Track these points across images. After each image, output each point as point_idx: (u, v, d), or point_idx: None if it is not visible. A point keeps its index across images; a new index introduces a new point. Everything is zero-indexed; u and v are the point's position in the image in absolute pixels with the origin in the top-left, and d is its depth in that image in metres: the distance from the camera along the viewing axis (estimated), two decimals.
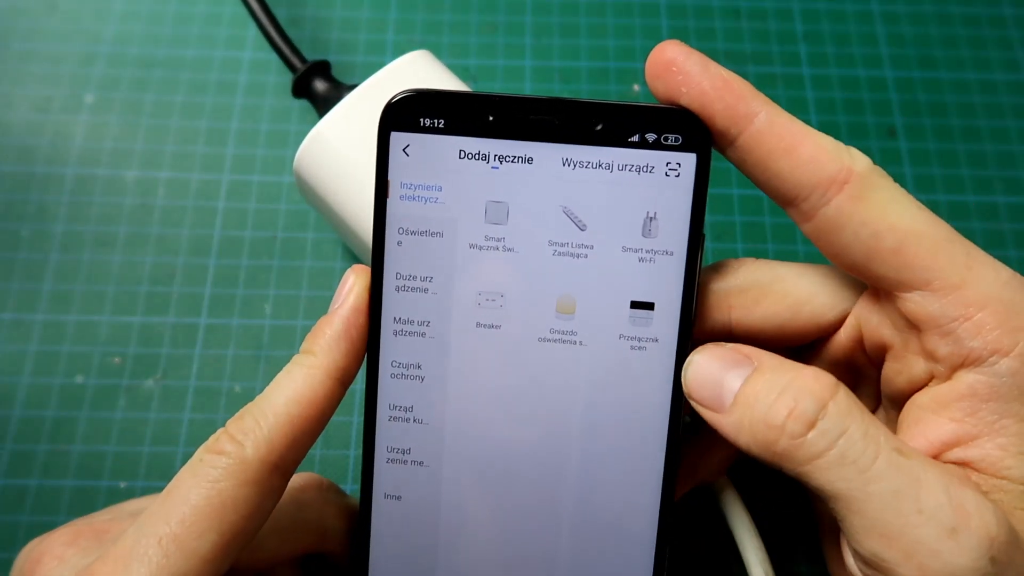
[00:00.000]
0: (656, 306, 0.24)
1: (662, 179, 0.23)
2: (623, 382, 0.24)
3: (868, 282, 0.24)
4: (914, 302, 0.22)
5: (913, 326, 0.23)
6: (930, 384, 0.23)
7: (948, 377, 0.22)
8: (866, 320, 0.24)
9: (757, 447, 0.22)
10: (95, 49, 0.40)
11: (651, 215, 0.24)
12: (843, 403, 0.21)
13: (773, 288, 0.25)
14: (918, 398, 0.23)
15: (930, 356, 0.23)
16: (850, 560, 0.23)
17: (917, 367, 0.23)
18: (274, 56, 0.39)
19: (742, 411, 0.22)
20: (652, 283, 0.24)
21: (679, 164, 0.23)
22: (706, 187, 0.23)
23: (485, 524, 0.25)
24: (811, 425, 0.21)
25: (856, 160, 0.22)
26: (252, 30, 0.41)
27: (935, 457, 0.22)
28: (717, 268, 0.25)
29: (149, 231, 0.37)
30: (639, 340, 0.24)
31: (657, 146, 0.23)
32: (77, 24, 0.41)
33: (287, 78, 0.39)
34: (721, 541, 0.31)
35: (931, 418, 0.23)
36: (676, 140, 0.23)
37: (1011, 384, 0.21)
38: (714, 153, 0.24)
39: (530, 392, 0.24)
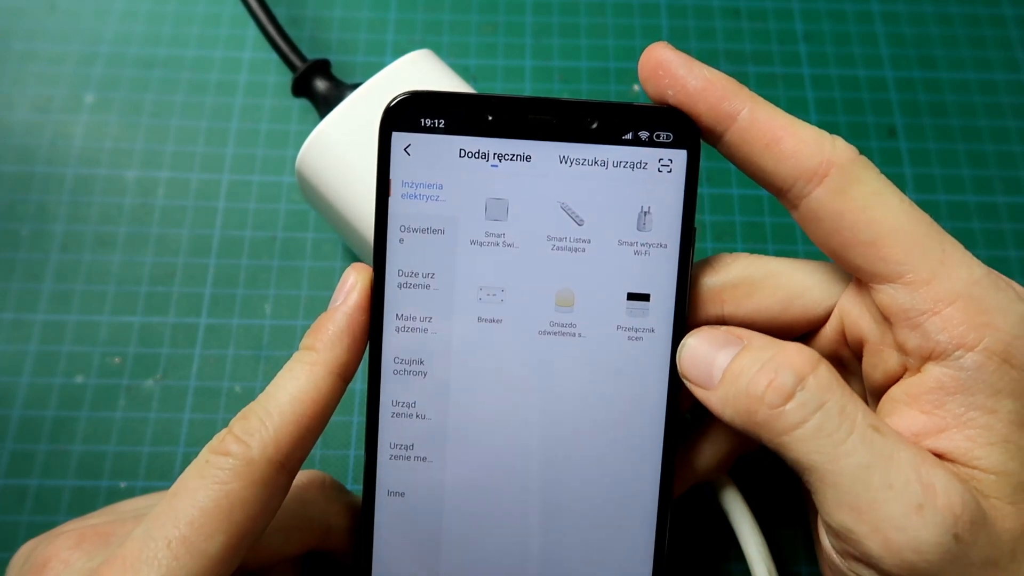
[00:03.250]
0: (652, 297, 0.25)
1: (655, 175, 0.24)
2: (622, 372, 0.25)
3: (848, 271, 0.24)
4: (886, 294, 0.23)
5: (887, 319, 0.23)
6: (903, 377, 0.23)
7: (918, 370, 0.23)
8: (847, 312, 0.25)
9: (739, 418, 0.23)
10: (95, 49, 0.40)
11: (645, 209, 0.24)
12: (823, 377, 0.22)
13: (765, 283, 0.25)
14: (893, 391, 0.24)
15: (901, 349, 0.23)
16: (823, 535, 0.23)
17: (892, 360, 0.24)
18: (274, 56, 0.39)
19: (728, 386, 0.23)
20: (647, 275, 0.24)
21: (671, 160, 0.24)
22: (697, 181, 0.24)
23: (488, 518, 0.25)
24: (789, 396, 0.22)
25: (838, 151, 0.22)
26: (252, 30, 0.41)
27: None
28: (711, 263, 0.26)
29: (149, 231, 0.37)
30: (636, 331, 0.25)
31: (650, 143, 0.24)
32: (77, 24, 0.41)
33: (287, 78, 0.39)
34: (722, 539, 0.31)
35: (903, 410, 0.23)
36: (667, 137, 0.24)
37: (976, 378, 0.22)
38: (714, 153, 0.24)
39: (531, 385, 0.25)
